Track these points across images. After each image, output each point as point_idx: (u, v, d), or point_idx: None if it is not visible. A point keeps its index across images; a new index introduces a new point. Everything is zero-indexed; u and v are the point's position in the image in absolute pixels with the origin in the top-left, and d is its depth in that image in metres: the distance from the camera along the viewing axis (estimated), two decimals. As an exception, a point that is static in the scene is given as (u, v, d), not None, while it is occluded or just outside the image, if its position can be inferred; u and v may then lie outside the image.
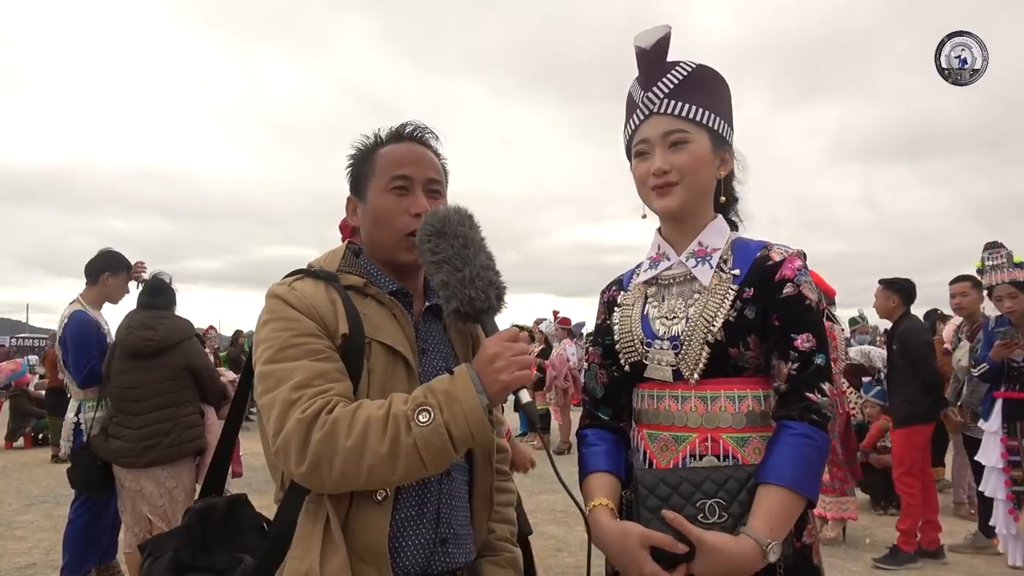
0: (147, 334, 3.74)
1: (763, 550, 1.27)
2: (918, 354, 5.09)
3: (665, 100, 1.48)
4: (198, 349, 4.00)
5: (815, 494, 1.35)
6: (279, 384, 1.25)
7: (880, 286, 5.28)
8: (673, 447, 1.44)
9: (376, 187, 1.46)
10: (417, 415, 1.20)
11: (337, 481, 1.21)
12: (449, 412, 1.21)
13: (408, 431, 1.19)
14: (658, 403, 1.48)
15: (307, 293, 1.35)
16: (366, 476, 1.20)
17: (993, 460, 4.49)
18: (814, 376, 1.37)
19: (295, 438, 1.20)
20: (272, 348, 1.30)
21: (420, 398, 1.23)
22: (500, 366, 1.25)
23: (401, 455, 1.19)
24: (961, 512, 6.16)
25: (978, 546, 5.11)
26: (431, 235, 1.33)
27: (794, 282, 1.42)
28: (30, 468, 8.79)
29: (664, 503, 1.33)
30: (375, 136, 1.52)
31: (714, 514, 1.31)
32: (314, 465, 1.20)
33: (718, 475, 1.35)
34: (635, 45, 1.53)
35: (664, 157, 1.47)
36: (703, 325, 1.43)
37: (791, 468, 1.31)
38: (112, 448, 3.68)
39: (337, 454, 1.19)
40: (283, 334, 1.30)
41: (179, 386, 3.78)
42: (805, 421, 1.34)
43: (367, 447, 1.19)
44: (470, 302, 1.30)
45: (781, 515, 1.30)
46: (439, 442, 1.20)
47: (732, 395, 1.42)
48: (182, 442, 3.71)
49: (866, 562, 4.97)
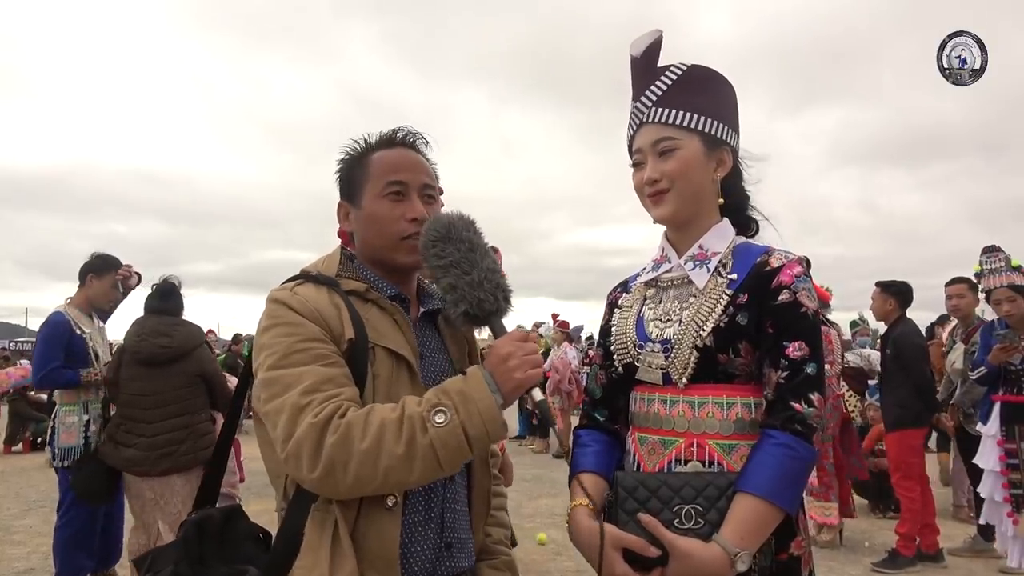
0: (163, 341, 3.68)
1: (731, 559, 1.25)
2: (911, 358, 5.09)
3: (653, 108, 1.48)
4: (209, 355, 3.97)
5: (792, 506, 1.32)
6: (287, 389, 1.23)
7: (877, 288, 5.28)
8: (660, 451, 1.44)
9: (371, 193, 1.45)
10: (433, 416, 1.20)
11: (351, 485, 1.19)
12: (465, 412, 1.21)
13: (424, 432, 1.19)
14: (648, 406, 1.48)
15: (310, 298, 1.34)
16: (382, 478, 1.19)
17: (992, 463, 4.49)
18: (802, 385, 1.34)
19: (308, 443, 1.18)
20: (277, 354, 1.27)
21: (434, 399, 1.23)
22: (513, 364, 1.26)
23: (418, 456, 1.18)
24: (960, 515, 6.15)
25: (977, 549, 5.10)
26: (437, 240, 1.34)
27: (791, 289, 1.40)
28: (29, 472, 8.78)
29: (642, 506, 1.33)
30: (365, 141, 1.51)
31: (690, 520, 1.31)
32: (328, 469, 1.18)
33: (698, 481, 1.34)
34: (630, 53, 1.53)
35: (654, 166, 1.47)
36: (693, 329, 1.42)
37: (768, 478, 1.29)
38: (124, 456, 3.61)
39: (352, 457, 1.17)
40: (288, 339, 1.28)
41: (193, 393, 3.74)
42: (787, 431, 1.32)
43: (383, 449, 1.18)
44: (479, 304, 1.31)
45: (753, 525, 1.28)
46: (456, 442, 1.20)
47: (721, 401, 1.41)
48: (197, 449, 3.65)
49: (865, 566, 4.96)
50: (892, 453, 5.20)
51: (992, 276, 4.45)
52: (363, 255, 1.51)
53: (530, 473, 8.43)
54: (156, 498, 3.61)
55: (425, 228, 1.37)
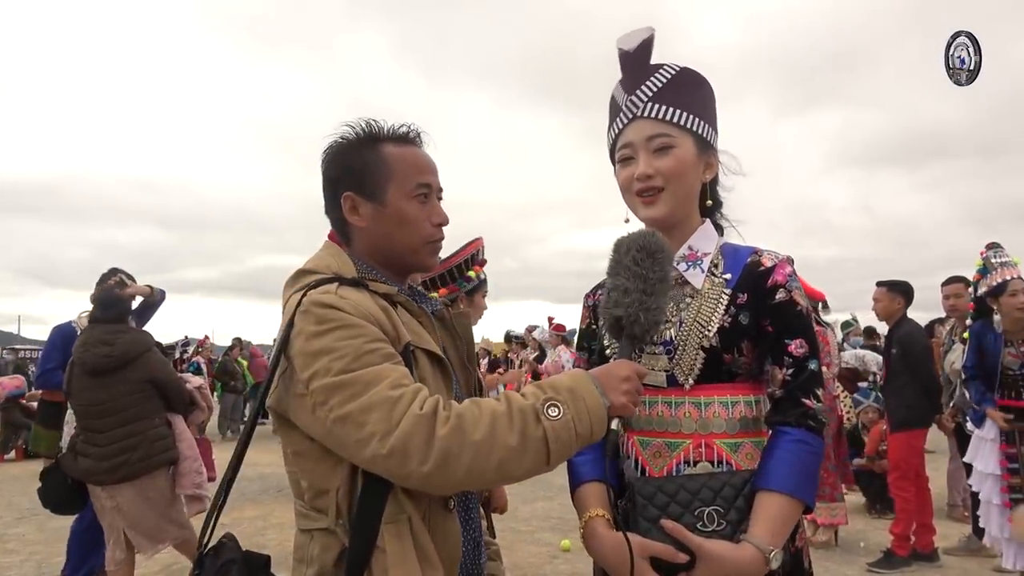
0: (105, 350, 3.68)
1: (766, 557, 1.27)
2: (918, 358, 5.09)
3: (649, 104, 1.46)
4: (159, 360, 3.94)
5: (813, 499, 1.36)
6: (368, 387, 1.17)
7: (884, 288, 5.25)
8: (666, 453, 1.44)
9: (399, 191, 1.40)
10: (547, 408, 1.19)
11: (462, 479, 1.17)
12: (575, 409, 1.20)
13: (538, 423, 1.18)
14: (650, 409, 1.47)
15: (359, 301, 1.28)
16: (494, 471, 1.17)
17: (991, 467, 4.45)
18: (809, 382, 1.38)
19: (418, 434, 1.13)
20: (346, 357, 1.20)
21: (543, 394, 1.22)
22: (627, 388, 1.27)
23: (530, 449, 1.17)
24: (955, 515, 6.16)
25: (972, 548, 5.11)
26: (643, 249, 1.35)
27: (786, 288, 1.43)
28: (22, 480, 8.70)
29: (662, 512, 1.33)
30: (363, 129, 1.44)
31: (713, 522, 1.31)
32: (441, 461, 1.14)
33: (714, 482, 1.35)
34: (618, 48, 1.52)
35: (648, 161, 1.45)
36: (698, 330, 1.43)
37: (790, 474, 1.32)
38: (82, 467, 3.65)
39: (466, 448, 1.14)
40: (355, 341, 1.22)
41: (143, 399, 3.73)
42: (802, 427, 1.35)
43: (496, 440, 1.16)
44: (633, 323, 1.32)
45: (782, 522, 1.31)
46: (568, 436, 1.19)
47: (725, 400, 1.42)
48: (151, 455, 3.67)
49: (860, 566, 4.97)
50: (895, 453, 5.17)
51: (1005, 268, 4.35)
52: (369, 252, 1.45)
53: (526, 476, 8.41)
54: (116, 506, 3.65)
55: (638, 234, 1.38)
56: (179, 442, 3.83)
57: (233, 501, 4.19)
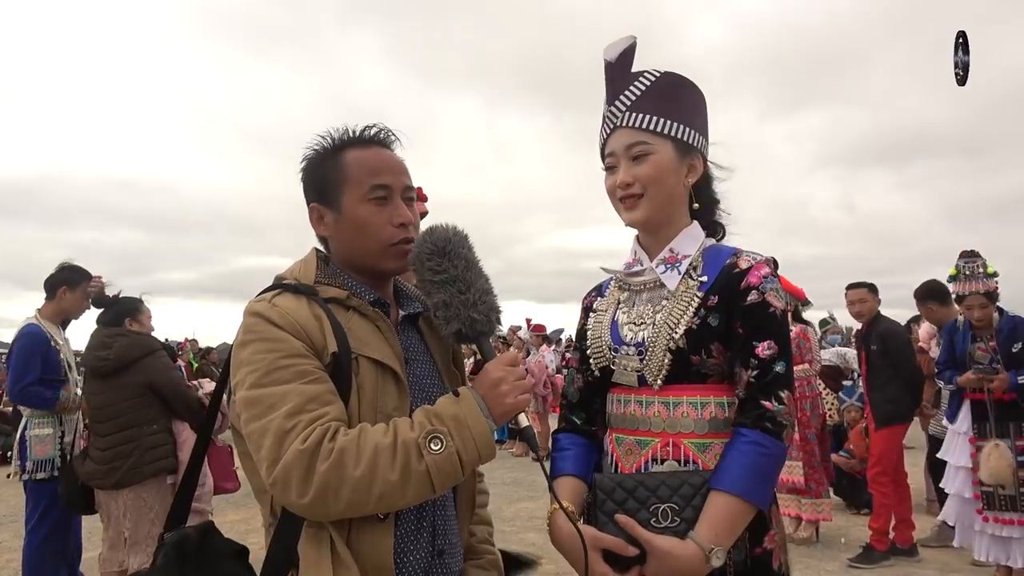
0: (102, 353, 3.63)
1: (706, 555, 1.29)
2: (900, 353, 5.17)
3: (627, 113, 1.49)
4: (162, 364, 3.80)
5: (764, 502, 1.36)
6: (269, 411, 1.19)
7: (864, 289, 5.36)
8: (637, 451, 1.47)
9: (354, 196, 1.39)
10: (429, 443, 1.19)
11: (343, 510, 1.18)
12: (460, 439, 1.21)
13: (420, 459, 1.18)
14: (624, 407, 1.51)
15: (290, 310, 1.28)
16: (375, 503, 1.18)
17: (963, 460, 4.55)
18: (772, 384, 1.38)
19: (296, 469, 1.15)
20: (258, 371, 1.22)
21: (428, 425, 1.22)
22: (505, 390, 1.27)
23: (412, 482, 1.18)
24: (933, 510, 6.24)
25: (943, 539, 5.18)
26: (433, 253, 1.32)
27: (759, 289, 1.43)
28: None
29: (620, 507, 1.35)
30: (331, 139, 1.44)
31: (667, 518, 1.34)
32: (320, 495, 1.15)
33: (674, 480, 1.37)
34: (603, 58, 1.54)
35: (627, 170, 1.49)
36: (666, 332, 1.45)
37: (740, 476, 1.33)
38: (85, 470, 3.63)
39: (345, 483, 1.16)
40: (268, 356, 1.23)
41: (141, 405, 3.64)
42: (758, 429, 1.35)
43: (377, 475, 1.17)
44: (472, 324, 1.30)
45: (727, 521, 1.32)
46: (451, 468, 1.20)
47: (695, 401, 1.44)
48: (143, 464, 3.57)
49: (841, 562, 5.03)
50: (878, 449, 5.22)
51: (969, 281, 4.56)
52: (342, 259, 1.45)
53: (510, 476, 8.43)
54: (116, 510, 3.62)
55: (420, 240, 1.35)
56: (181, 451, 3.69)
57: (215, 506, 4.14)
